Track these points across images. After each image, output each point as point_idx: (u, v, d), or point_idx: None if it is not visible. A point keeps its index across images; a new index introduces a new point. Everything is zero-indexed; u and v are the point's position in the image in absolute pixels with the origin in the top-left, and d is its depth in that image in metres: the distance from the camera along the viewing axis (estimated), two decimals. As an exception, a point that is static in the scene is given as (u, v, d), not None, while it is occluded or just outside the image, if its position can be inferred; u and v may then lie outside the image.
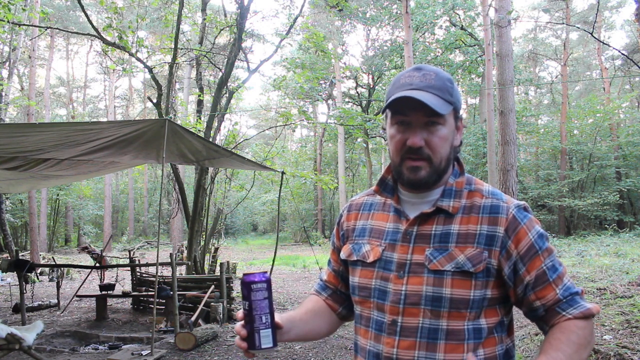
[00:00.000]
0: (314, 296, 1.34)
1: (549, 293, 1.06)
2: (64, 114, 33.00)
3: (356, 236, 1.21)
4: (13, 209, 20.22)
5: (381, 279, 1.11)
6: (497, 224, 1.07)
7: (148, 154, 6.14)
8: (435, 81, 1.07)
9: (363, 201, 1.26)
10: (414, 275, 1.07)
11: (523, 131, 22.33)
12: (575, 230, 21.91)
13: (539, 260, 1.07)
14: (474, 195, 1.12)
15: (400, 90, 1.06)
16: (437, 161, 1.08)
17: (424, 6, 18.85)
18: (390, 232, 1.14)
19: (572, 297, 1.07)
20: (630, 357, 3.76)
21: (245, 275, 1.04)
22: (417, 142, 1.06)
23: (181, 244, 17.09)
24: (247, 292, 1.01)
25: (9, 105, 15.78)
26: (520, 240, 1.06)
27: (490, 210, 1.09)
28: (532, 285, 1.06)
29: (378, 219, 1.19)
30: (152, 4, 11.54)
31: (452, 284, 1.04)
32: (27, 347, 4.22)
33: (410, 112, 1.06)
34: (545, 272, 1.06)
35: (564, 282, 1.08)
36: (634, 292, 6.94)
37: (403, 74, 1.12)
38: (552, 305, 1.06)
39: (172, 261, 5.80)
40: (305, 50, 19.37)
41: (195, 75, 11.61)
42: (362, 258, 1.15)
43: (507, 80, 10.80)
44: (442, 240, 1.08)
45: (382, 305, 1.10)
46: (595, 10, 13.96)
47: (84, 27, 21.11)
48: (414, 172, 1.08)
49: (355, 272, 1.17)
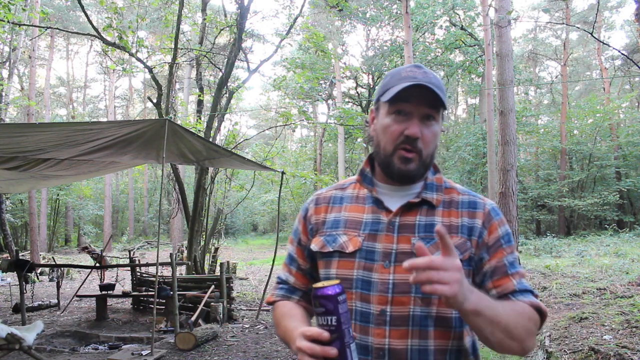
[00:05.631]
0: (286, 302, 1.24)
1: (506, 283, 1.09)
2: (64, 114, 33.01)
3: (328, 228, 1.18)
4: (13, 209, 20.23)
5: (364, 269, 1.10)
6: (475, 217, 1.13)
7: (148, 154, 6.14)
8: (435, 80, 1.10)
9: (331, 194, 1.25)
10: (401, 264, 1.05)
11: (523, 131, 22.32)
12: (575, 230, 21.91)
13: (502, 253, 1.11)
14: (452, 192, 1.18)
15: (405, 82, 1.08)
16: (426, 156, 1.12)
17: (424, 6, 18.85)
18: (370, 223, 1.13)
19: (527, 292, 1.09)
20: (630, 357, 3.76)
21: (322, 288, 0.94)
22: (417, 132, 1.08)
23: (181, 244, 17.10)
24: (334, 305, 0.93)
25: (9, 105, 15.78)
26: (491, 232, 1.12)
27: (469, 205, 1.15)
28: (491, 274, 1.10)
29: (353, 211, 1.18)
30: (152, 4, 11.53)
31: None
32: (27, 347, 4.22)
33: (413, 101, 1.08)
34: (505, 265, 1.10)
35: (522, 279, 1.11)
36: (634, 292, 6.95)
37: (403, 68, 1.14)
38: (507, 293, 1.08)
39: (172, 261, 5.80)
40: (305, 50, 19.36)
41: (195, 75, 11.61)
42: (340, 249, 1.13)
43: (507, 80, 10.80)
44: (427, 230, 1.10)
45: (367, 296, 1.08)
46: (595, 10, 13.96)
47: (84, 27, 21.12)
48: (405, 163, 1.10)
49: (332, 264, 1.14)
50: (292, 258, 1.28)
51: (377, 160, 1.18)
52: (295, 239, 1.28)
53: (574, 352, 4.21)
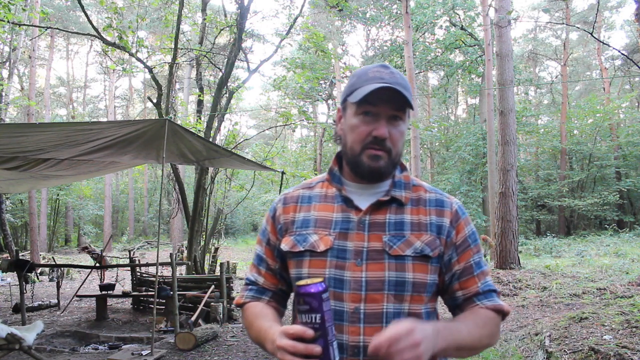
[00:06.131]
0: (256, 303, 1.23)
1: (472, 285, 1.15)
2: (64, 114, 33.01)
3: (298, 228, 1.17)
4: (13, 209, 20.23)
5: (336, 267, 1.10)
6: (443, 215, 1.15)
7: (148, 154, 6.14)
8: (402, 80, 1.11)
9: (299, 194, 1.24)
10: (373, 262, 1.08)
11: (523, 131, 22.33)
12: (575, 230, 21.92)
13: (469, 254, 1.16)
14: (419, 190, 1.20)
15: (372, 83, 1.08)
16: (395, 154, 1.13)
17: (424, 6, 18.85)
18: (340, 222, 1.13)
19: (490, 292, 1.16)
20: (630, 357, 3.76)
21: (306, 286, 0.95)
22: (385, 133, 1.09)
23: (181, 244, 17.10)
24: (318, 303, 0.93)
25: (9, 105, 15.78)
26: (459, 232, 1.16)
27: (436, 203, 1.17)
28: (459, 275, 1.15)
29: (322, 210, 1.17)
30: (152, 4, 11.53)
31: (414, 268, 1.09)
32: (27, 347, 4.22)
33: (380, 103, 1.09)
34: (472, 266, 1.16)
35: (485, 278, 1.17)
36: (634, 292, 6.95)
37: (370, 68, 1.13)
38: (471, 296, 1.15)
39: (172, 261, 5.80)
40: (305, 50, 19.37)
41: (195, 75, 11.61)
42: (311, 248, 1.12)
43: (507, 80, 10.80)
44: (398, 227, 1.12)
45: (340, 294, 1.08)
46: (595, 10, 13.96)
47: (84, 27, 21.12)
48: (374, 160, 1.10)
49: (303, 264, 1.13)
50: (260, 258, 1.26)
51: (345, 159, 1.18)
52: (264, 239, 1.26)
53: (574, 352, 4.21)
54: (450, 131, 26.97)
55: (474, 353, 1.09)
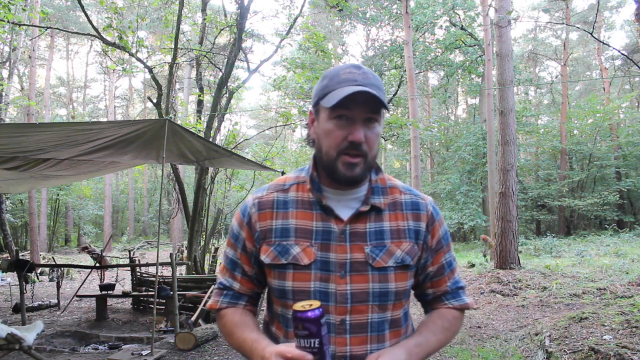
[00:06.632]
0: (235, 310, 1.21)
1: (442, 285, 1.23)
2: (64, 114, 33.01)
3: (277, 237, 1.13)
4: (13, 209, 20.23)
5: (321, 280, 1.09)
6: (420, 219, 1.18)
7: (148, 154, 6.14)
8: (374, 80, 1.08)
9: (273, 198, 1.18)
10: (357, 274, 1.09)
11: (523, 131, 22.33)
12: (575, 230, 21.92)
13: (441, 255, 1.21)
14: (394, 192, 1.20)
15: (345, 85, 1.05)
16: (371, 158, 1.11)
17: (424, 6, 18.85)
18: (320, 232, 1.11)
19: (457, 290, 1.24)
20: (630, 357, 3.76)
21: (304, 312, 0.95)
22: (361, 137, 1.06)
23: (181, 244, 17.11)
24: (317, 328, 0.94)
25: (9, 105, 15.79)
26: (434, 236, 1.19)
27: (412, 207, 1.19)
28: (431, 277, 1.22)
29: (301, 218, 1.13)
30: (152, 4, 11.53)
31: (395, 278, 1.12)
32: (27, 347, 4.22)
33: (355, 107, 1.05)
34: (444, 266, 1.22)
35: (454, 276, 1.25)
36: (634, 292, 6.95)
37: (342, 69, 1.10)
38: (441, 295, 1.24)
39: (172, 261, 5.79)
40: (305, 50, 19.35)
41: (195, 75, 11.61)
42: (295, 261, 1.10)
43: (507, 80, 10.80)
44: (378, 237, 1.12)
45: (326, 307, 1.08)
46: (595, 10, 13.96)
47: (84, 27, 21.13)
48: (350, 169, 1.08)
49: (286, 276, 1.11)
50: (235, 263, 1.21)
51: (320, 164, 1.15)
52: (239, 245, 1.20)
53: (574, 352, 4.21)
54: (450, 131, 26.96)
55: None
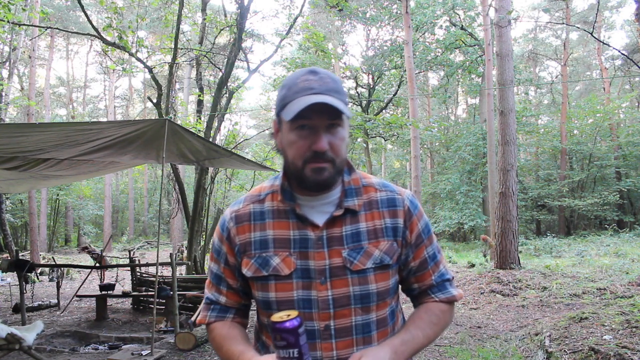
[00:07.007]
0: (223, 323, 1.22)
1: (427, 279, 1.22)
2: (64, 114, 33.01)
3: (256, 249, 1.14)
4: (13, 209, 20.23)
5: (302, 288, 1.10)
6: (397, 216, 1.16)
7: (148, 154, 6.13)
8: (333, 84, 1.07)
9: (250, 210, 1.18)
10: (336, 278, 1.10)
11: (523, 131, 22.33)
12: (575, 230, 21.92)
13: (423, 249, 1.20)
14: (369, 190, 1.19)
15: (302, 95, 1.04)
16: (339, 162, 1.10)
17: (424, 6, 18.85)
18: (298, 240, 1.12)
19: (444, 283, 1.23)
20: (630, 357, 3.76)
21: (282, 322, 0.96)
22: (324, 146, 1.05)
23: (181, 244, 17.11)
24: (295, 338, 0.95)
25: (9, 105, 15.79)
26: (413, 230, 1.18)
27: (388, 204, 1.17)
28: (415, 271, 1.21)
29: (279, 228, 1.14)
30: (152, 4, 11.53)
31: (375, 279, 1.11)
32: (27, 347, 4.22)
33: (315, 116, 1.04)
34: (427, 260, 1.21)
35: (439, 268, 1.23)
36: (634, 292, 6.95)
37: (297, 77, 1.09)
38: (426, 288, 1.22)
39: (172, 261, 5.79)
40: (305, 50, 19.37)
41: (195, 75, 11.61)
42: (275, 272, 1.11)
43: (507, 80, 10.80)
44: (355, 239, 1.12)
45: (309, 314, 1.09)
46: (595, 10, 13.96)
47: (84, 27, 21.12)
48: (318, 173, 1.07)
49: (269, 287, 1.12)
50: (219, 277, 1.22)
51: (288, 173, 1.14)
52: (221, 260, 1.21)
53: (574, 352, 4.21)
54: (450, 131, 26.97)
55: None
